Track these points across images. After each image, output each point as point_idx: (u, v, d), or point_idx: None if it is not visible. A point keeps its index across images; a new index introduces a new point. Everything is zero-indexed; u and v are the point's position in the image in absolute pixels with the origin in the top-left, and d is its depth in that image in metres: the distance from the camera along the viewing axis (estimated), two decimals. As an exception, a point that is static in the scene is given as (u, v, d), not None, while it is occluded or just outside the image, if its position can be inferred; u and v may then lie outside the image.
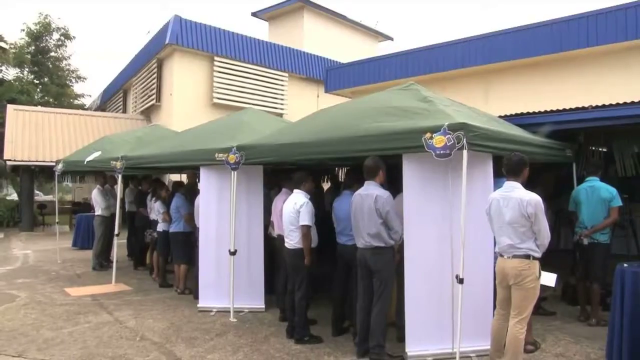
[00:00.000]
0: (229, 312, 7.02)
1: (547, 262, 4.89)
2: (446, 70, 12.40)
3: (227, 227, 7.10)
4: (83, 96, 34.88)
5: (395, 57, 14.03)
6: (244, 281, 7.22)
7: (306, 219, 5.85)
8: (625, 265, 5.14)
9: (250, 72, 18.60)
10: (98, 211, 11.03)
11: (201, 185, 7.59)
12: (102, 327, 6.60)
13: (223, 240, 7.20)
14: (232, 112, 10.89)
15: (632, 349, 4.82)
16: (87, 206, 17.23)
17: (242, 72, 18.42)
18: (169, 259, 9.34)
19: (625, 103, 7.04)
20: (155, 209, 9.20)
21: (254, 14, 24.53)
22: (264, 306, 7.34)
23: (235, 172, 6.93)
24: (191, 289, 8.27)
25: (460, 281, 4.78)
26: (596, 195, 6.49)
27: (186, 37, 17.44)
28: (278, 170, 8.59)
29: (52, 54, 31.55)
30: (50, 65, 31.38)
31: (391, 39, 27.15)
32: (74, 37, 31.42)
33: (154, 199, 9.34)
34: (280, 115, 18.01)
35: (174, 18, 17.33)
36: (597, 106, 7.24)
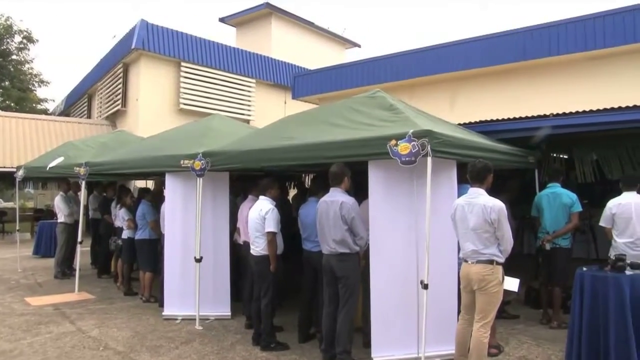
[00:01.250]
0: (195, 319, 6.94)
1: (511, 266, 4.97)
2: (413, 78, 12.53)
3: (193, 234, 7.04)
4: (46, 101, 34.26)
5: (362, 64, 14.13)
6: (210, 288, 7.15)
7: (272, 225, 5.84)
8: (585, 269, 5.25)
9: (217, 78, 18.51)
10: (61, 218, 10.81)
11: (166, 192, 7.51)
12: (63, 338, 6.46)
13: (189, 247, 7.14)
14: (199, 118, 10.83)
15: (589, 349, 4.94)
16: (50, 213, 16.84)
17: (209, 77, 18.32)
18: (134, 267, 9.20)
19: (584, 111, 7.23)
20: (120, 216, 9.06)
21: (222, 20, 24.42)
22: (230, 313, 7.28)
23: (201, 179, 6.88)
24: (156, 297, 8.15)
25: (425, 287, 4.83)
26: (558, 201, 6.63)
27: (153, 42, 17.26)
28: (244, 176, 8.56)
29: (14, 57, 30.90)
30: (12, 69, 30.72)
31: (359, 46, 27.34)
32: (37, 40, 30.85)
33: (118, 205, 9.21)
34: (248, 121, 17.94)
35: (141, 23, 17.14)
36: (557, 114, 7.42)
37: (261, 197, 6.15)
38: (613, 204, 5.92)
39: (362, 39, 53.45)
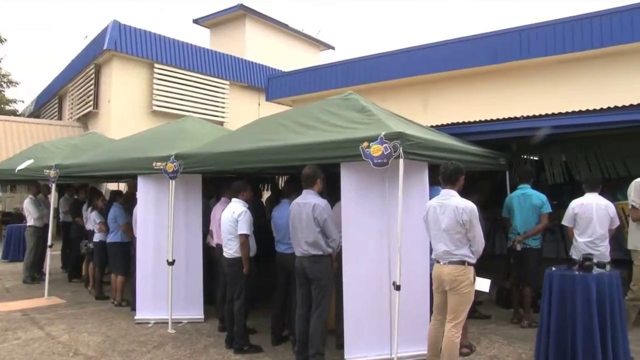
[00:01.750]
0: (167, 323, 6.88)
1: (483, 267, 5.04)
2: (386, 80, 12.62)
3: (165, 236, 6.98)
4: (15, 102, 33.62)
5: (336, 66, 14.18)
6: (183, 291, 7.10)
7: (244, 227, 5.82)
8: (554, 268, 5.37)
9: (191, 79, 18.38)
10: (30, 221, 10.62)
11: (139, 195, 7.42)
12: (32, 344, 6.33)
13: (161, 250, 7.07)
14: (172, 120, 10.74)
15: (557, 346, 5.06)
16: (19, 216, 16.51)
17: (183, 79, 18.19)
18: (105, 270, 9.08)
19: (554, 114, 7.36)
20: (91, 219, 8.94)
21: (196, 21, 24.28)
22: (203, 316, 7.23)
23: (174, 181, 6.82)
24: (128, 301, 8.06)
25: (397, 288, 4.87)
26: (528, 202, 6.73)
27: (125, 43, 17.08)
28: (218, 179, 8.51)
29: (-19, 57, 30.27)
30: (-21, 70, 30.11)
31: (333, 48, 27.41)
32: (5, 39, 30.24)
33: (90, 208, 9.09)
34: (221, 123, 17.86)
35: (113, 23, 16.95)
36: (528, 116, 7.54)
37: (234, 200, 6.13)
38: (575, 204, 6.03)
39: (337, 42, 53.52)
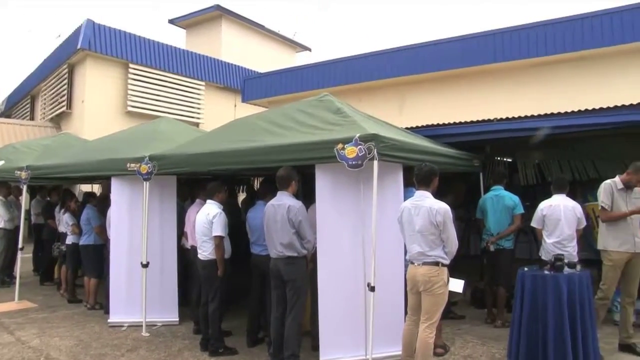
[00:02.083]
0: (142, 326, 6.82)
1: (457, 268, 5.09)
2: (362, 82, 12.66)
3: (140, 238, 6.91)
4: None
5: (312, 67, 14.19)
6: (157, 294, 7.03)
7: (219, 229, 5.81)
8: (526, 269, 5.45)
9: (166, 80, 18.23)
10: (0, 224, 10.41)
11: (112, 196, 7.34)
12: (1, 349, 6.21)
13: (135, 252, 7.00)
14: (147, 121, 10.64)
15: (528, 345, 5.13)
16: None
17: (158, 80, 18.03)
18: (78, 273, 8.96)
19: (526, 116, 7.47)
20: (64, 221, 8.81)
21: (171, 22, 24.10)
22: (177, 319, 7.18)
23: (148, 183, 6.77)
24: (102, 304, 7.96)
25: (372, 289, 4.89)
26: (501, 203, 6.82)
27: (99, 42, 16.87)
28: (192, 180, 8.46)
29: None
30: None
31: (309, 49, 27.40)
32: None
33: (62, 210, 8.95)
34: (197, 124, 17.74)
35: (87, 22, 16.72)
36: (501, 119, 7.64)
37: (208, 201, 6.11)
38: (544, 206, 6.12)
39: (313, 43, 53.55)
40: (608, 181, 5.91)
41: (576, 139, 7.51)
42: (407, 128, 7.72)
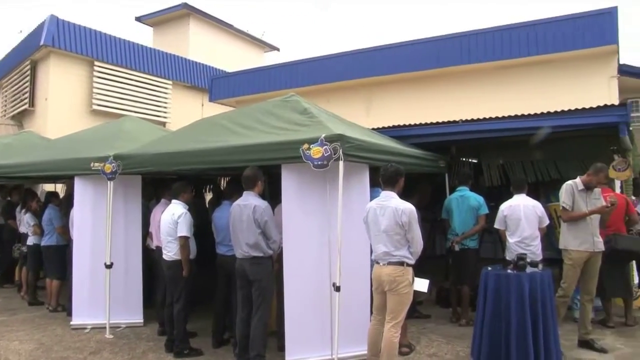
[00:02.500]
0: (105, 328, 6.71)
1: (423, 268, 5.13)
2: (330, 82, 12.66)
3: (103, 239, 6.80)
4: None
5: (280, 67, 14.14)
6: (121, 295, 6.94)
7: (184, 229, 5.76)
8: (489, 268, 5.53)
9: (132, 78, 17.91)
10: (-41, 224, 10.14)
11: (75, 196, 7.20)
12: (-43, 354, 6.06)
13: (99, 253, 6.88)
14: (113, 120, 10.48)
15: (491, 342, 5.22)
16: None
17: (124, 78, 17.70)
18: (40, 275, 8.77)
19: (491, 118, 7.58)
20: (25, 222, 8.63)
21: (138, 19, 23.73)
22: (142, 320, 7.09)
23: (112, 182, 6.68)
24: (64, 306, 7.82)
25: (337, 289, 4.91)
26: (466, 204, 6.92)
27: (63, 38, 16.49)
28: (158, 180, 8.37)
29: None
30: None
31: (277, 49, 27.25)
32: None
33: (23, 210, 8.76)
34: (164, 123, 17.50)
35: (50, 18, 16.33)
36: (466, 120, 7.74)
37: (173, 201, 6.05)
38: (505, 207, 6.23)
39: (282, 43, 53.37)
40: (569, 182, 6.04)
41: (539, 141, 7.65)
42: (374, 129, 7.76)
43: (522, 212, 6.04)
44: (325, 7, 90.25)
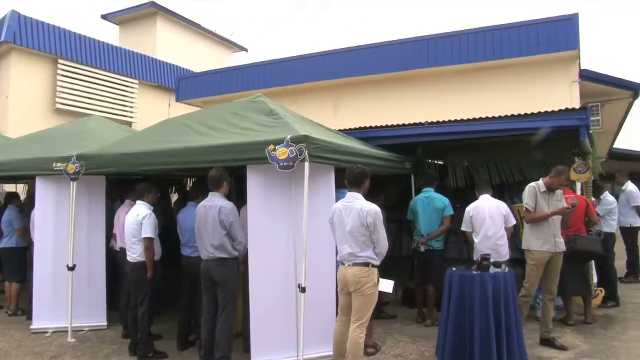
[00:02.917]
0: (67, 332, 6.59)
1: (390, 268, 5.16)
2: (298, 84, 12.66)
3: (66, 241, 6.68)
4: None
5: (248, 68, 14.08)
6: (85, 298, 6.82)
7: (149, 231, 5.70)
8: (454, 269, 5.59)
9: (98, 77, 17.60)
10: None
11: (37, 197, 7.05)
12: None
13: (61, 255, 6.76)
14: (77, 119, 10.29)
15: (456, 342, 5.27)
16: None
17: (89, 77, 17.38)
18: None
19: (456, 121, 7.68)
20: (-17, 224, 8.41)
21: (104, 17, 23.36)
22: (106, 323, 6.99)
23: (75, 183, 6.56)
24: (25, 310, 7.64)
25: (303, 290, 4.92)
26: (432, 205, 6.99)
27: (26, 35, 16.12)
28: (124, 181, 8.25)
29: None
30: None
31: (246, 50, 27.13)
32: None
33: (-19, 212, 8.54)
34: (130, 123, 17.26)
35: (11, 14, 15.94)
36: (433, 123, 7.82)
37: (138, 202, 5.98)
38: (470, 208, 6.34)
39: (250, 44, 53.19)
40: (532, 184, 6.15)
41: (504, 143, 7.78)
42: (341, 130, 7.79)
43: (487, 212, 6.15)
44: (301, 7, 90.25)
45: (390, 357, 5.81)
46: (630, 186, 9.71)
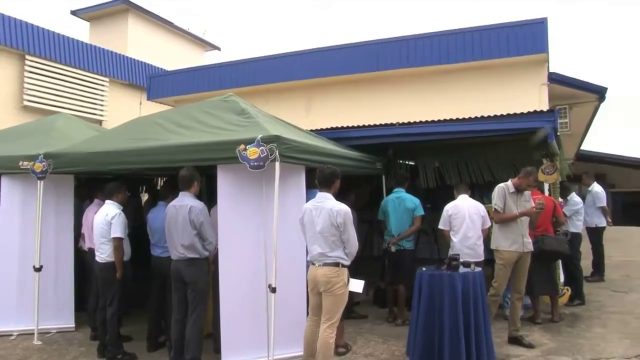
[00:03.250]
0: (33, 334, 6.47)
1: (361, 268, 5.17)
2: (270, 83, 12.63)
3: (33, 241, 6.56)
4: None
5: (220, 67, 14.00)
6: (51, 299, 6.71)
7: (118, 230, 5.64)
8: (424, 268, 5.65)
9: (67, 74, 17.26)
10: None
11: (2, 196, 6.91)
12: None
13: (27, 255, 6.64)
14: (46, 117, 10.11)
15: (425, 341, 5.32)
16: None
17: (58, 74, 17.05)
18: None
19: (427, 121, 7.75)
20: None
21: (74, 13, 22.96)
22: (73, 325, 6.87)
23: (42, 182, 6.45)
24: (-11, 312, 7.47)
25: (273, 290, 4.91)
26: (402, 205, 7.03)
27: (-9, 30, 15.79)
28: (93, 179, 8.13)
29: None
30: None
31: (218, 48, 26.93)
32: None
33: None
34: (100, 122, 17.00)
35: (-24, 8, 15.62)
36: (404, 123, 7.88)
37: (107, 202, 5.90)
38: (449, 207, 6.42)
39: (223, 43, 52.89)
40: (501, 185, 6.25)
41: (473, 144, 7.89)
42: (313, 130, 7.80)
43: (466, 212, 6.26)
44: (271, 4, 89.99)
45: (361, 357, 5.83)
46: (596, 187, 9.94)
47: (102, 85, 18.25)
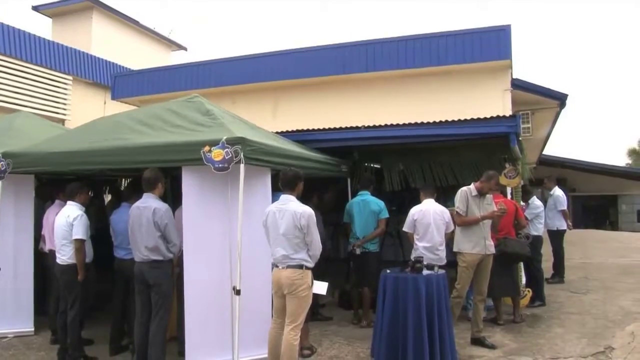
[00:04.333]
0: (-11, 339, 6.32)
1: (326, 270, 5.19)
2: (237, 84, 12.57)
3: (-10, 242, 6.41)
4: None
5: (186, 67, 13.87)
6: (10, 302, 6.56)
7: (79, 232, 5.55)
8: (388, 271, 5.70)
9: (27, 71, 16.85)
10: None
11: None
12: None
13: (-15, 257, 6.47)
14: (6, 115, 9.87)
15: (388, 342, 5.38)
16: None
17: (19, 71, 16.64)
18: None
19: (392, 125, 7.83)
20: None
21: (35, 8, 22.43)
22: (33, 329, 6.71)
23: (1, 182, 6.31)
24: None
25: (237, 292, 4.90)
26: (367, 208, 7.08)
27: (-53, 26, 15.33)
28: (55, 179, 7.98)
29: None
30: None
31: (185, 49, 26.69)
32: None
33: None
34: (63, 121, 16.66)
35: None
36: (369, 126, 7.95)
37: (69, 203, 5.80)
38: (415, 211, 6.48)
39: (189, 43, 52.48)
40: (464, 188, 6.35)
41: (438, 148, 8.00)
42: (279, 132, 7.80)
43: (431, 218, 6.31)
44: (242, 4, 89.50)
45: (326, 358, 5.86)
46: (557, 191, 10.17)
47: (65, 84, 17.83)
